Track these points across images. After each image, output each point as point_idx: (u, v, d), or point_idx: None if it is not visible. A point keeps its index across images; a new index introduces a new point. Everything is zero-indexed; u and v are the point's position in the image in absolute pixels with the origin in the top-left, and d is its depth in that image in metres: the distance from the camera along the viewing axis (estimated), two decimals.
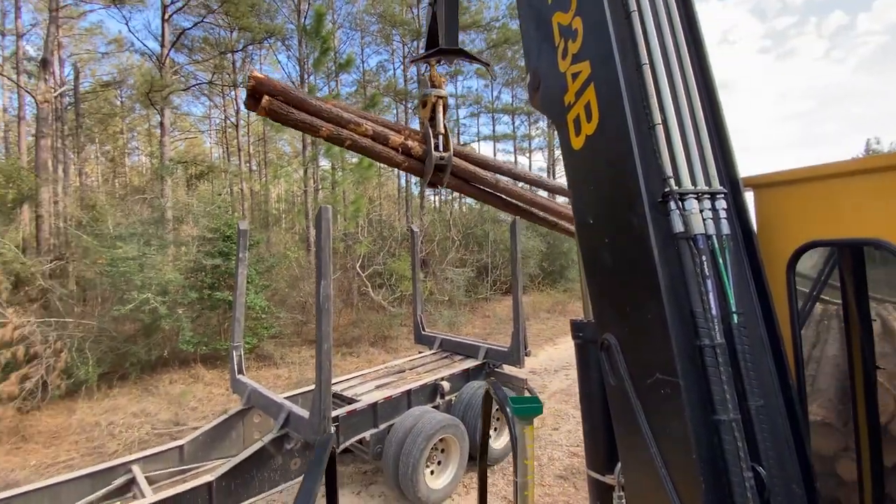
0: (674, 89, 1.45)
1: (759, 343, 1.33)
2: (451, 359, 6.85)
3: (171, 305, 9.02)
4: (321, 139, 3.81)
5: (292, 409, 4.43)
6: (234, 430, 5.25)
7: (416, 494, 4.79)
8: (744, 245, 1.42)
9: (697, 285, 1.26)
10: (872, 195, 1.21)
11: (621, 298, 1.50)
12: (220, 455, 4.94)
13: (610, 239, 1.52)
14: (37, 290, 9.93)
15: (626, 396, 1.38)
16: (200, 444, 4.93)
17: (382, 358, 10.57)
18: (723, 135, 1.49)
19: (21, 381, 7.10)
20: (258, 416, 5.39)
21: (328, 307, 3.94)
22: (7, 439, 6.70)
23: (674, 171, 1.37)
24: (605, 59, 1.48)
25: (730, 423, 1.16)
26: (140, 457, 4.54)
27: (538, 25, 1.95)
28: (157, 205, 12.12)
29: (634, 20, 1.46)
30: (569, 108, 1.69)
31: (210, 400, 8.50)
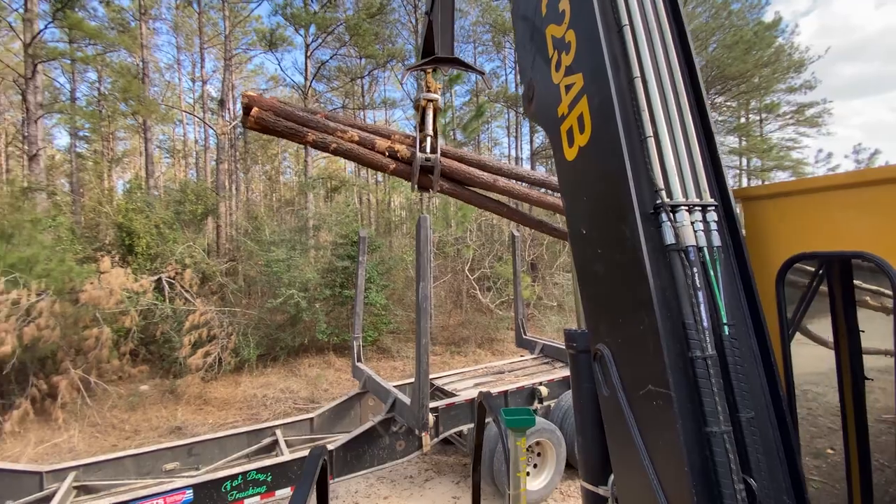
0: (665, 102, 1.46)
1: (749, 354, 1.33)
2: (551, 365, 6.84)
3: (310, 300, 10.58)
4: (308, 145, 4.13)
5: (398, 396, 4.98)
6: (352, 409, 6.04)
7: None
8: (734, 257, 1.42)
9: (689, 297, 1.26)
10: (860, 209, 1.21)
11: (614, 309, 1.50)
12: (341, 430, 5.74)
13: (602, 249, 1.53)
14: (216, 285, 12.47)
15: (618, 407, 1.38)
16: (326, 419, 5.80)
17: (488, 359, 10.89)
18: (713, 147, 1.50)
19: (204, 356, 9.06)
20: (372, 400, 6.11)
21: (426, 306, 4.37)
22: (194, 402, 8.63)
23: (665, 183, 1.38)
24: (597, 72, 1.50)
25: (721, 435, 1.16)
26: (282, 423, 5.55)
27: (532, 37, 1.98)
28: (302, 215, 14.26)
29: (626, 34, 1.48)
30: (562, 120, 1.71)
31: (339, 384, 9.74)
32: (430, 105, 4.30)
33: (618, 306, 1.46)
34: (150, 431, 7.49)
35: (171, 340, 9.50)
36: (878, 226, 1.17)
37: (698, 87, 1.53)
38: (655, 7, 1.56)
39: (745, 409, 1.22)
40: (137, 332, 9.34)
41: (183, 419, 7.96)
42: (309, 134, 4.26)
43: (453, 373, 6.75)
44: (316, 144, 4.26)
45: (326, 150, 4.27)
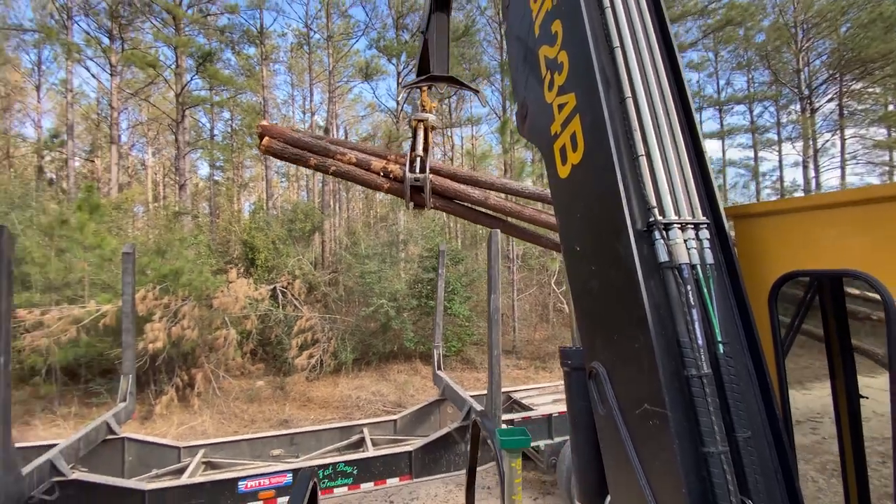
0: (656, 122, 1.48)
1: (745, 373, 1.32)
2: None
3: (399, 310, 11.24)
4: (310, 168, 4.30)
5: (473, 405, 5.13)
6: (432, 415, 6.33)
7: None
8: (727, 274, 1.41)
9: (683, 315, 1.25)
10: (850, 227, 1.20)
11: (608, 326, 1.49)
12: (421, 433, 6.05)
13: (596, 267, 1.54)
14: (320, 294, 13.83)
15: (614, 426, 1.38)
16: (408, 422, 6.16)
17: None
18: (704, 166, 1.50)
19: (308, 357, 10.10)
20: (451, 408, 6.33)
21: (497, 318, 4.50)
22: (299, 398, 9.65)
23: (658, 201, 1.37)
24: (589, 92, 1.52)
25: (719, 455, 1.14)
26: (369, 423, 6.03)
27: (525, 58, 2.01)
28: (393, 230, 15.23)
29: (618, 55, 1.50)
30: (555, 138, 1.73)
31: (425, 390, 10.16)
32: (421, 125, 4.39)
33: (612, 324, 1.46)
34: (262, 422, 8.57)
35: (282, 342, 10.78)
36: (868, 244, 1.16)
37: (689, 106, 1.55)
38: (645, 29, 1.59)
39: (741, 428, 1.20)
40: (256, 334, 10.77)
41: (290, 413, 8.96)
42: (311, 158, 4.54)
43: (533, 387, 6.71)
44: (318, 168, 4.52)
45: (327, 173, 4.54)
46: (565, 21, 1.66)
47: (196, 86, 17.09)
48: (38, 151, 20.12)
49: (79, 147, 21.10)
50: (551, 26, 1.74)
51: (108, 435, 4.90)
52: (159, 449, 5.08)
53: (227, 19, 17.99)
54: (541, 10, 1.83)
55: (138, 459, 5.01)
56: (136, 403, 8.73)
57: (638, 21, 1.58)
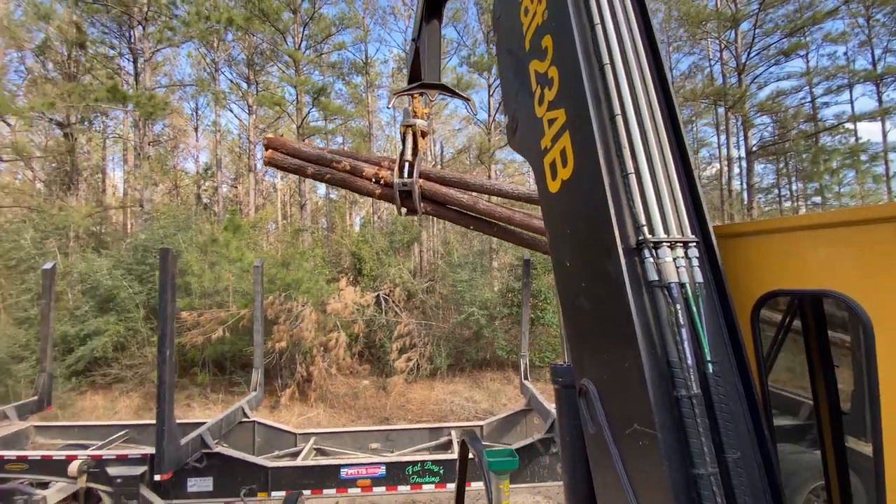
0: (646, 139, 1.45)
1: (734, 392, 1.30)
2: None
3: (490, 318, 11.45)
4: (309, 178, 4.30)
5: (554, 417, 5.12)
6: (518, 424, 6.40)
7: None
8: (716, 293, 1.39)
9: (673, 334, 1.24)
10: (829, 248, 1.20)
11: (598, 344, 1.48)
12: (507, 441, 6.16)
13: (586, 283, 1.53)
14: (418, 301, 14.66)
15: (604, 445, 1.36)
16: (494, 429, 6.32)
17: None
18: (693, 183, 1.48)
19: (406, 360, 10.81)
20: (537, 418, 6.34)
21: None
22: (398, 399, 10.36)
23: (647, 219, 1.36)
24: (579, 109, 1.51)
25: (708, 477, 1.13)
26: (457, 426, 6.32)
27: (516, 72, 1.97)
28: (483, 239, 15.52)
29: (608, 72, 1.48)
30: (545, 153, 1.71)
31: (516, 399, 10.19)
32: (410, 130, 4.36)
33: (602, 342, 1.46)
34: (367, 418, 9.41)
35: (385, 346, 11.68)
36: (848, 266, 1.16)
37: (678, 125, 1.53)
38: (635, 46, 1.57)
39: (730, 449, 1.19)
40: (363, 337, 11.85)
41: (390, 412, 9.70)
42: (309, 168, 4.68)
43: None
44: (315, 176, 4.69)
45: (323, 181, 4.68)
46: (556, 36, 1.64)
47: (313, 117, 19.47)
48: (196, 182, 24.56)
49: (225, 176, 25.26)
50: (542, 41, 1.73)
51: (243, 418, 5.92)
52: (280, 433, 5.97)
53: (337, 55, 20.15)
54: (531, 24, 1.80)
55: (265, 440, 5.95)
56: (266, 394, 10.23)
57: (627, 38, 1.56)
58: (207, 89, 17.65)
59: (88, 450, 4.91)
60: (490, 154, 18.80)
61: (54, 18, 13.93)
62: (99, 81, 14.76)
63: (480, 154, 18.47)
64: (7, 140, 14.52)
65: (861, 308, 1.11)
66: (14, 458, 4.64)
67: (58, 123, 14.66)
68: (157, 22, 14.72)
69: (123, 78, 16.58)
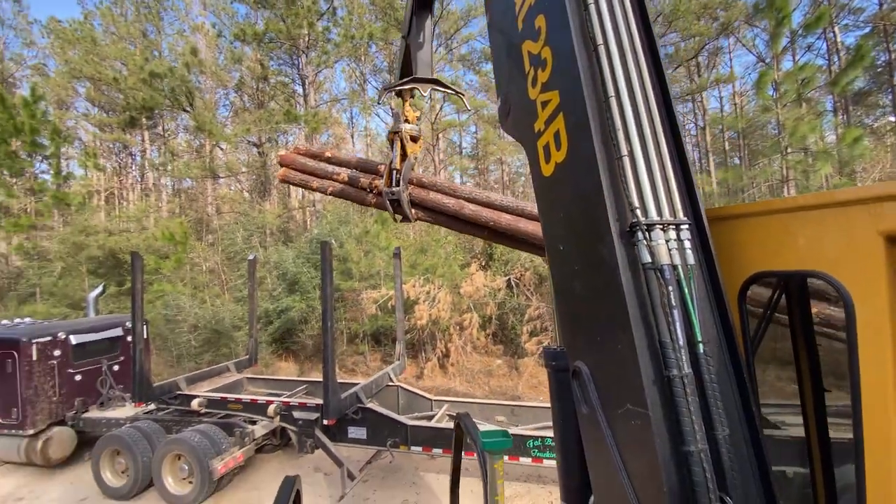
0: (639, 121, 1.43)
1: (723, 372, 1.32)
2: None
3: None
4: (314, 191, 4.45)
5: None
6: None
7: None
8: (707, 274, 1.40)
9: (665, 315, 1.24)
10: (812, 230, 1.22)
11: (591, 326, 1.47)
12: None
13: (579, 267, 1.52)
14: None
15: (597, 426, 1.37)
16: None
17: None
18: (685, 166, 1.48)
19: (537, 343, 10.95)
20: None
21: None
22: (530, 380, 10.60)
23: (640, 202, 1.35)
24: (573, 91, 1.48)
25: (698, 453, 1.15)
26: None
27: (508, 52, 1.91)
28: None
29: (601, 53, 1.45)
30: (539, 136, 1.67)
31: None
32: (397, 137, 4.36)
33: (595, 324, 1.46)
34: (499, 395, 9.90)
35: (516, 328, 12.00)
36: (831, 246, 1.18)
37: (671, 107, 1.51)
38: (629, 26, 1.53)
39: (720, 426, 1.21)
40: (495, 319, 12.36)
41: (521, 391, 10.03)
42: (313, 182, 4.93)
43: None
44: (318, 190, 4.91)
45: (326, 194, 4.83)
46: (549, 16, 1.62)
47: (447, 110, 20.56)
48: None
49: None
50: (535, 21, 1.69)
51: (389, 382, 6.92)
52: (419, 398, 6.81)
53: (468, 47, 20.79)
54: (524, 3, 1.77)
55: (407, 402, 6.86)
56: (413, 364, 11.53)
57: (622, 19, 1.53)
58: (358, 100, 20.08)
59: (280, 398, 6.39)
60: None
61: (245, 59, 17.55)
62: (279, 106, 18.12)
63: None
64: (222, 161, 18.96)
65: (844, 288, 1.13)
66: (234, 400, 6.34)
67: (253, 144, 18.52)
68: (316, 48, 17.31)
69: (296, 100, 19.99)
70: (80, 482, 6.38)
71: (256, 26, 16.77)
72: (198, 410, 6.31)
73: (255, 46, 17.07)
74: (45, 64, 24.27)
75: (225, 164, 18.69)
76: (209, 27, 19.71)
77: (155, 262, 13.46)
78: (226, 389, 7.09)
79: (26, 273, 15.57)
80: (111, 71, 18.90)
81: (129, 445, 5.89)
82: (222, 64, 19.20)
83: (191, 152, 21.34)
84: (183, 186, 24.35)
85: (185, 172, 19.12)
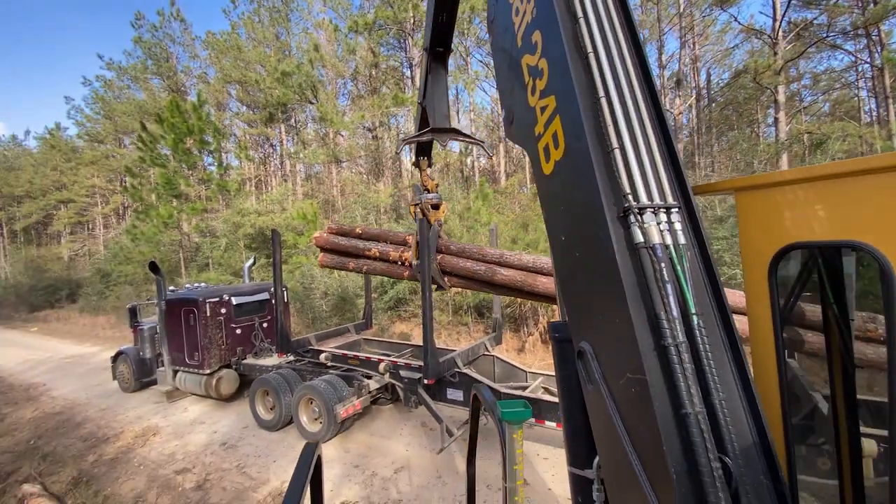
0: (628, 117, 1.57)
1: (719, 342, 1.37)
2: None
3: None
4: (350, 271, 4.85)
5: None
6: None
7: None
8: (699, 253, 1.48)
9: (658, 290, 1.34)
10: (851, 198, 1.17)
11: (592, 307, 1.57)
12: None
13: (580, 253, 1.64)
14: None
15: (601, 399, 1.46)
16: None
17: None
18: (674, 155, 1.59)
19: None
20: None
21: None
22: None
23: (632, 188, 1.47)
24: (567, 94, 1.64)
25: (696, 415, 1.21)
26: None
27: (510, 67, 2.12)
28: None
29: (591, 60, 1.63)
30: (539, 138, 1.84)
31: None
32: (419, 208, 4.48)
33: (596, 304, 1.55)
34: None
35: None
36: (869, 215, 1.13)
37: (658, 101, 1.65)
38: (616, 34, 1.70)
39: (716, 391, 1.26)
40: None
41: None
42: (349, 263, 5.14)
43: None
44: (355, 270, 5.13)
45: (361, 272, 4.98)
46: (544, 31, 1.81)
47: None
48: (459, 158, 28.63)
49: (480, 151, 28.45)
50: (532, 37, 1.90)
51: (485, 352, 7.26)
52: (514, 369, 7.04)
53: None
54: (522, 22, 1.99)
55: (502, 372, 7.14)
56: (514, 339, 11.77)
57: (608, 27, 1.70)
58: (462, 76, 20.26)
59: (390, 357, 7.16)
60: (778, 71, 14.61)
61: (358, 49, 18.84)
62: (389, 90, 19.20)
63: (760, 75, 14.60)
64: (343, 146, 20.90)
65: (884, 257, 1.08)
66: (352, 356, 7.29)
67: (367, 129, 20.02)
68: (421, 28, 17.80)
69: (405, 83, 20.95)
70: (243, 414, 8.03)
71: (368, 16, 17.84)
72: (325, 363, 7.43)
73: (366, 35, 18.23)
74: (206, 72, 29.03)
75: (345, 150, 20.57)
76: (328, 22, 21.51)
77: (293, 239, 15.66)
78: (347, 347, 8.17)
79: (202, 247, 19.34)
80: (253, 73, 21.89)
81: (275, 388, 7.21)
82: (340, 56, 20.90)
83: (318, 140, 23.88)
84: (313, 172, 27.47)
85: (314, 159, 21.54)
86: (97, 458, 6.84)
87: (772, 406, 1.36)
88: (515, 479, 1.86)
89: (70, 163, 36.56)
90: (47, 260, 32.95)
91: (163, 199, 16.50)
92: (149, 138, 16.29)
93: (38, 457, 6.91)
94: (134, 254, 21.35)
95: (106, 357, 12.06)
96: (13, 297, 28.33)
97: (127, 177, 21.95)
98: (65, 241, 38.32)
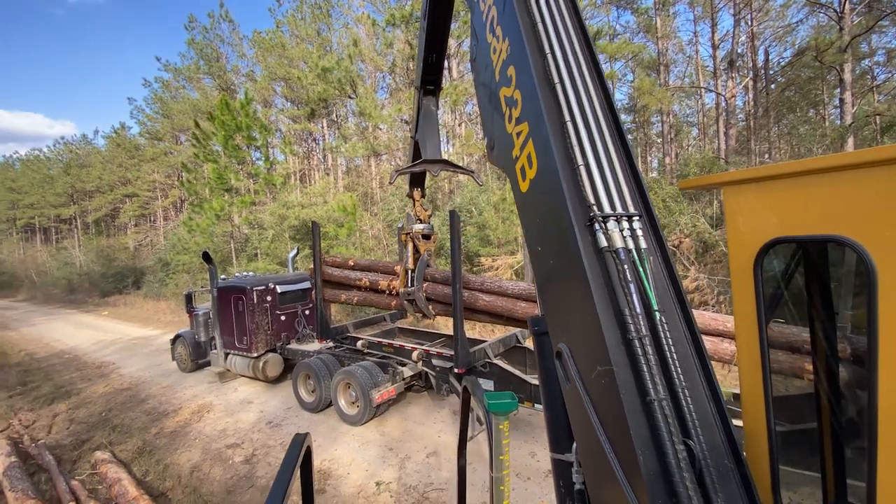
0: (592, 138, 1.76)
1: (681, 337, 1.48)
2: None
3: None
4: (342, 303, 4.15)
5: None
6: None
7: None
8: (661, 257, 1.62)
9: (622, 289, 1.46)
10: (834, 193, 1.17)
11: (566, 309, 1.72)
12: None
13: (553, 260, 1.79)
14: (719, 254, 12.75)
15: (577, 395, 1.57)
16: None
17: None
18: (634, 170, 1.78)
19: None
20: None
21: None
22: None
23: (595, 199, 1.64)
24: (538, 120, 1.86)
25: (660, 402, 1.30)
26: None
27: (490, 99, 2.38)
28: None
29: (558, 89, 1.85)
30: (516, 160, 2.05)
31: None
32: (409, 238, 4.65)
33: (568, 306, 1.70)
34: None
35: None
36: (852, 210, 1.14)
37: (619, 123, 1.85)
38: (580, 66, 1.93)
39: (679, 381, 1.35)
40: None
41: None
42: (342, 295, 5.41)
43: None
44: (347, 302, 5.43)
45: (354, 304, 5.18)
46: (517, 66, 2.06)
47: None
48: None
49: None
50: (507, 71, 2.16)
51: (516, 343, 7.30)
52: None
53: None
54: (499, 59, 2.27)
55: (534, 364, 7.15)
56: None
57: (573, 60, 1.94)
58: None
59: (423, 346, 7.35)
60: (844, 49, 13.43)
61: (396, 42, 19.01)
62: None
63: (822, 53, 13.47)
64: (381, 140, 21.27)
65: (867, 252, 1.09)
66: (387, 344, 7.54)
67: (405, 122, 20.22)
68: (458, 19, 17.71)
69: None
70: (288, 396, 8.52)
71: (405, 8, 17.95)
72: (361, 350, 7.73)
73: (403, 28, 18.36)
74: (253, 70, 30.27)
75: (384, 143, 20.94)
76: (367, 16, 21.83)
77: (333, 230, 16.21)
78: (382, 335, 8.45)
79: (251, 238, 20.39)
80: (296, 70, 22.62)
81: (316, 372, 7.60)
82: (378, 49, 21.18)
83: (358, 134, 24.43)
84: (353, 165, 28.15)
85: (354, 152, 22.06)
86: (159, 430, 7.51)
87: (756, 400, 1.36)
88: (502, 468, 1.95)
89: (133, 160, 39.46)
90: (115, 250, 35.85)
91: (215, 193, 17.52)
92: (202, 135, 17.30)
93: (108, 427, 7.68)
94: (190, 244, 22.86)
95: (166, 340, 13.07)
96: (87, 284, 31.10)
97: (183, 172, 23.46)
98: (130, 232, 41.53)
